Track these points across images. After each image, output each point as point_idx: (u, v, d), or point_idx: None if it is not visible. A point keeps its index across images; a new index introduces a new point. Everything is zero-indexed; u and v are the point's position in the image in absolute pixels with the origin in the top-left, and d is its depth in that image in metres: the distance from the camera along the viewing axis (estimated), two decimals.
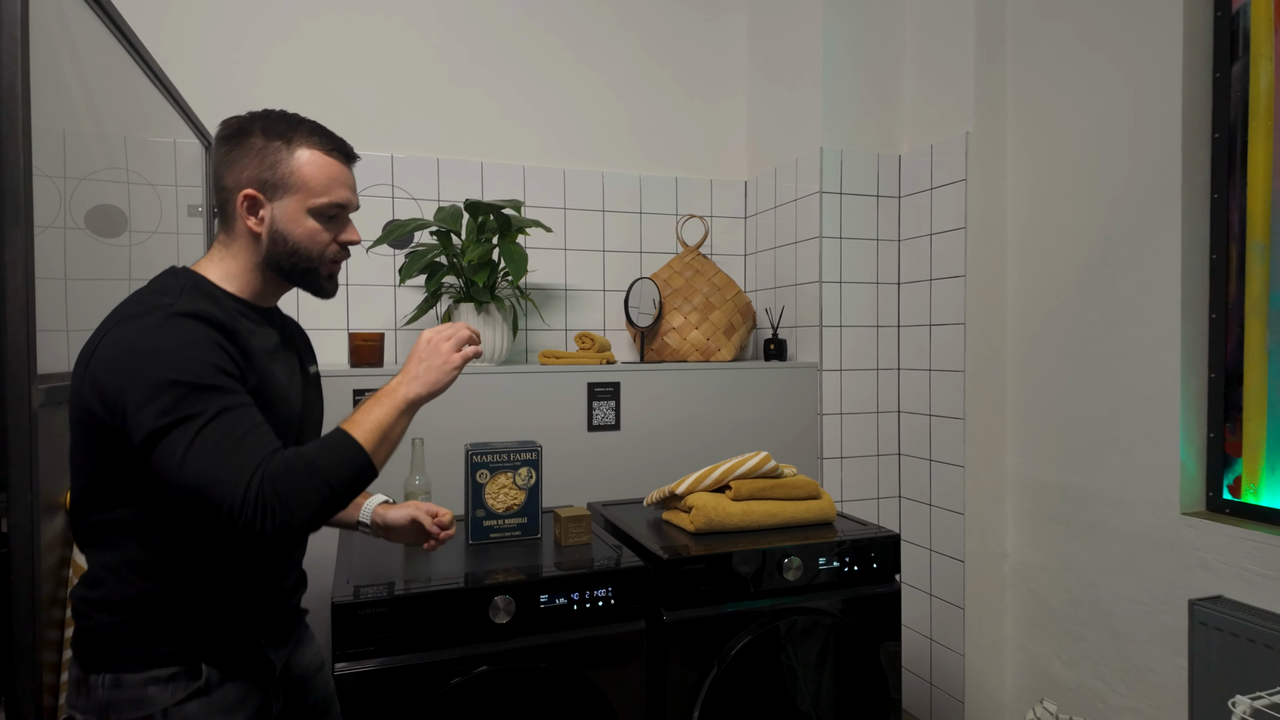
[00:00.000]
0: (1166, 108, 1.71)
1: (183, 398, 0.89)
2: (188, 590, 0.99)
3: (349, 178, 1.08)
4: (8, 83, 0.96)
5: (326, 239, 1.06)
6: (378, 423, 0.97)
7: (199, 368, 0.91)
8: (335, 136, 1.08)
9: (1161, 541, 1.72)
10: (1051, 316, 2.01)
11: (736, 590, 1.49)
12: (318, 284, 1.09)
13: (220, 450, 0.88)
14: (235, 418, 0.90)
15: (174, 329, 0.92)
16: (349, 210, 1.09)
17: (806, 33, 2.30)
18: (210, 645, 1.00)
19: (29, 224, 0.98)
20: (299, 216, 1.04)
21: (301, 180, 1.03)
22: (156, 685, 0.96)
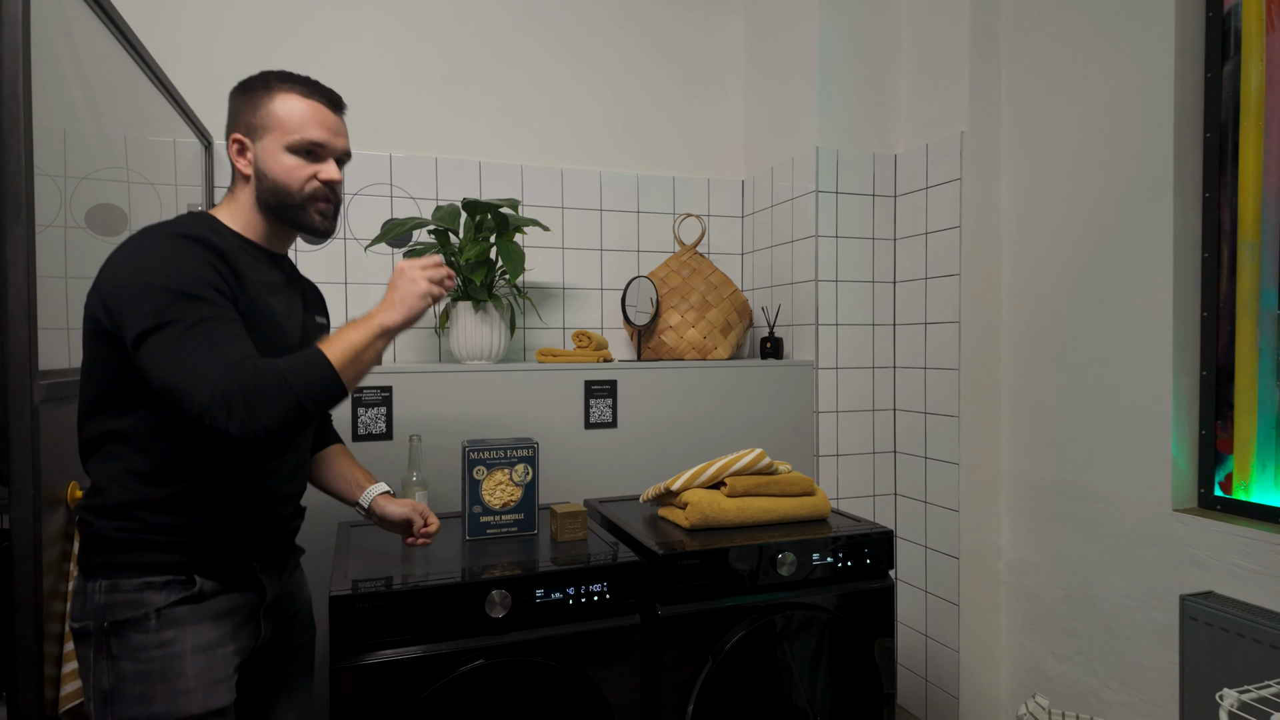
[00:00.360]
0: (1159, 107, 1.72)
1: (170, 303, 0.97)
2: (184, 500, 1.07)
3: (329, 120, 1.16)
4: (9, 82, 0.98)
5: (305, 175, 1.13)
6: (351, 344, 1.02)
7: (189, 279, 0.99)
8: (317, 84, 1.17)
9: (1153, 538, 1.73)
10: (1045, 315, 2.02)
11: (731, 585, 1.50)
12: (306, 221, 1.16)
13: (198, 352, 0.95)
14: (217, 326, 0.98)
15: (172, 245, 1.02)
16: (328, 150, 1.16)
17: (802, 33, 2.31)
18: (204, 557, 1.09)
19: (30, 222, 1.00)
20: (277, 154, 1.12)
21: (278, 120, 1.12)
22: (151, 589, 1.05)
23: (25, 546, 0.98)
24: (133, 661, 1.03)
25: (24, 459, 0.98)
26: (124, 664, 1.03)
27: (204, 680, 1.05)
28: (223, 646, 1.09)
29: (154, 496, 1.06)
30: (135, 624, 1.03)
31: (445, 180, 2.30)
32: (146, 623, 1.04)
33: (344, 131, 1.19)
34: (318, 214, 1.17)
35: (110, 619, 1.03)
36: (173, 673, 1.03)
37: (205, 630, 1.07)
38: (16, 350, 0.98)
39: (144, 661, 1.03)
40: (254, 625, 1.15)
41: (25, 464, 0.98)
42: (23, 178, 0.98)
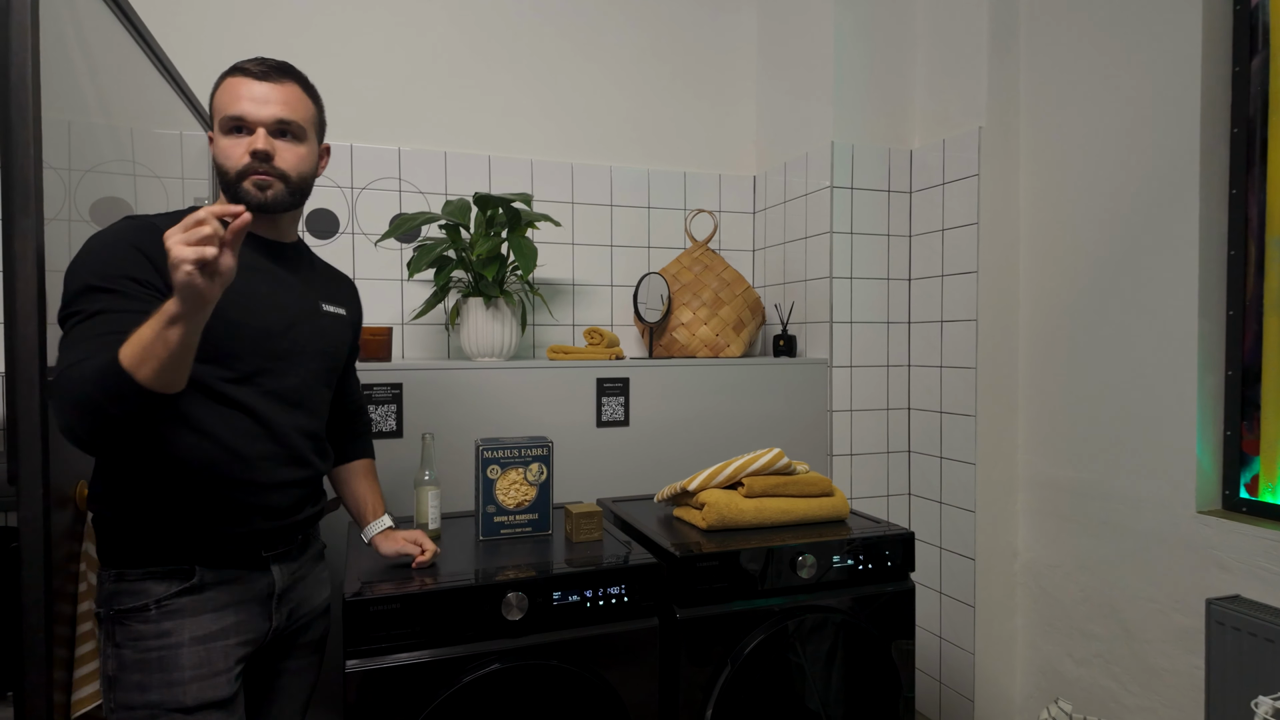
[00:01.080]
0: (1185, 102, 1.69)
1: (77, 295, 0.98)
2: (173, 489, 1.07)
3: (255, 90, 1.12)
4: (17, 71, 0.95)
5: (236, 152, 1.11)
6: (140, 339, 0.88)
7: (102, 269, 0.99)
8: (248, 61, 1.14)
9: (1176, 540, 1.70)
10: (1064, 313, 1.99)
11: (749, 588, 1.47)
12: (245, 198, 1.12)
13: (71, 346, 0.96)
14: (105, 320, 0.97)
15: (107, 235, 1.03)
16: (251, 120, 1.11)
17: (817, 27, 2.27)
18: (202, 548, 1.09)
19: (39, 214, 0.97)
20: (219, 140, 1.12)
21: (215, 107, 1.13)
22: (153, 579, 1.07)
23: (34, 548, 0.96)
24: (133, 650, 1.05)
25: (33, 458, 0.96)
26: (126, 652, 1.06)
27: (201, 672, 1.06)
28: (224, 639, 1.09)
29: (147, 486, 1.07)
30: (137, 613, 1.06)
31: (454, 174, 2.27)
32: (147, 612, 1.06)
33: (277, 99, 1.12)
34: (253, 186, 1.12)
35: (115, 607, 1.06)
36: (170, 663, 1.06)
37: (205, 622, 1.08)
38: (25, 346, 0.95)
39: (143, 651, 1.05)
40: (264, 616, 1.15)
41: (34, 463, 0.96)
42: (31, 169, 0.95)
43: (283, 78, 1.14)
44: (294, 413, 1.17)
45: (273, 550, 1.16)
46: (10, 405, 0.95)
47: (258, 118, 1.11)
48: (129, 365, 0.88)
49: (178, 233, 0.83)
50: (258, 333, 1.12)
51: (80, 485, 1.12)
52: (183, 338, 0.88)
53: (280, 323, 1.15)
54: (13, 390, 0.95)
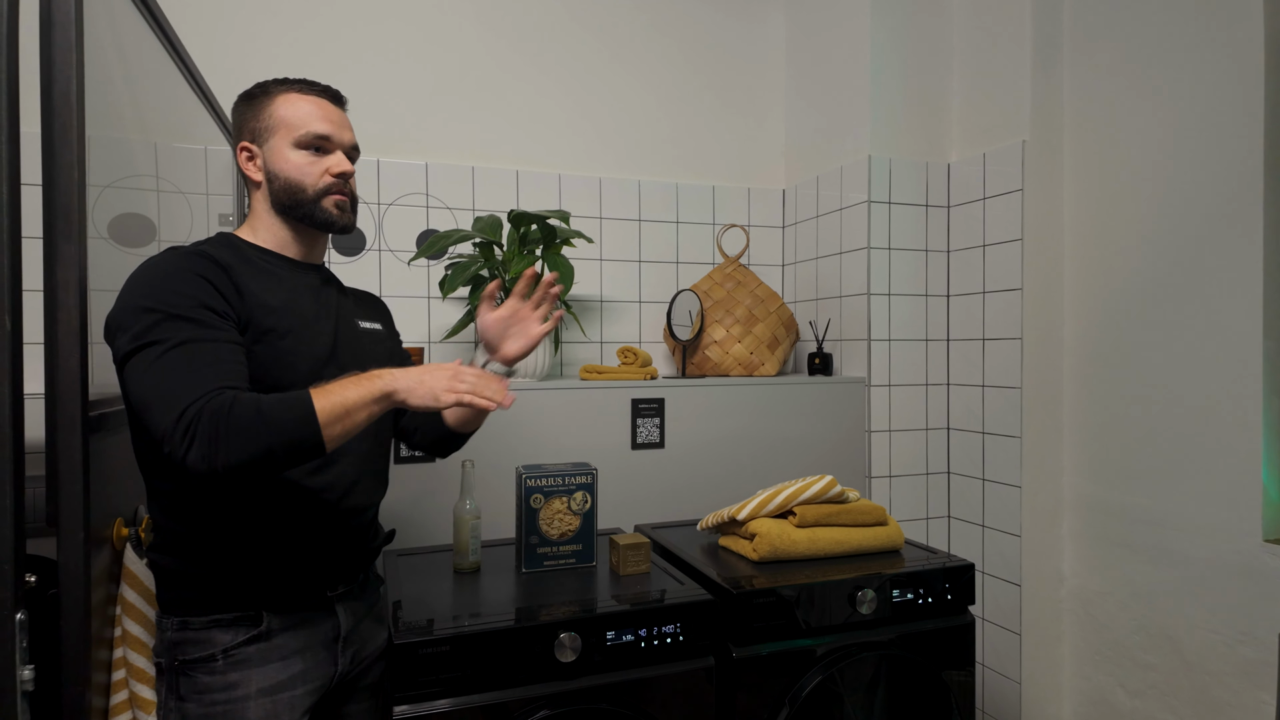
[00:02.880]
0: (1246, 112, 1.63)
1: (153, 325, 0.93)
2: (235, 530, 1.03)
3: (331, 113, 1.13)
4: (61, 88, 0.90)
5: (316, 170, 1.11)
6: (344, 401, 0.93)
7: (175, 298, 0.95)
8: (314, 81, 1.15)
9: (1241, 569, 1.64)
10: (1112, 332, 1.93)
11: (807, 624, 1.41)
12: (322, 217, 1.12)
13: (173, 374, 0.90)
14: (198, 349, 0.93)
15: (166, 263, 0.99)
16: (334, 143, 1.13)
17: (852, 40, 2.23)
18: (269, 591, 1.05)
19: (83, 239, 0.91)
20: (285, 151, 1.10)
21: (281, 119, 1.10)
22: (219, 628, 1.02)
23: (75, 595, 0.90)
24: (198, 704, 1.01)
25: (74, 499, 0.90)
26: (190, 705, 1.01)
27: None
28: (290, 689, 1.05)
29: (206, 527, 1.02)
30: (202, 664, 1.01)
31: (482, 189, 2.22)
32: (213, 663, 1.02)
33: (348, 125, 1.17)
34: (335, 207, 1.13)
35: (180, 657, 1.02)
36: (235, 717, 1.01)
37: (272, 672, 1.04)
38: (67, 380, 0.89)
39: (208, 705, 1.01)
40: (330, 660, 1.10)
41: (76, 504, 0.90)
42: (75, 191, 0.90)
43: (346, 105, 1.18)
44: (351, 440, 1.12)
45: (336, 590, 1.11)
46: (50, 443, 0.89)
47: (341, 141, 1.13)
48: (324, 421, 0.90)
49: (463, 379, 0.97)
50: (310, 360, 1.08)
51: (118, 524, 1.06)
52: (380, 413, 0.95)
53: (327, 347, 1.12)
54: (53, 427, 0.89)
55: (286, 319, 1.05)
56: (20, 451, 0.81)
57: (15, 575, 0.80)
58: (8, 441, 0.79)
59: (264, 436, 0.88)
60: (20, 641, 0.80)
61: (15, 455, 0.80)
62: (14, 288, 0.80)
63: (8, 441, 0.79)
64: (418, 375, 0.97)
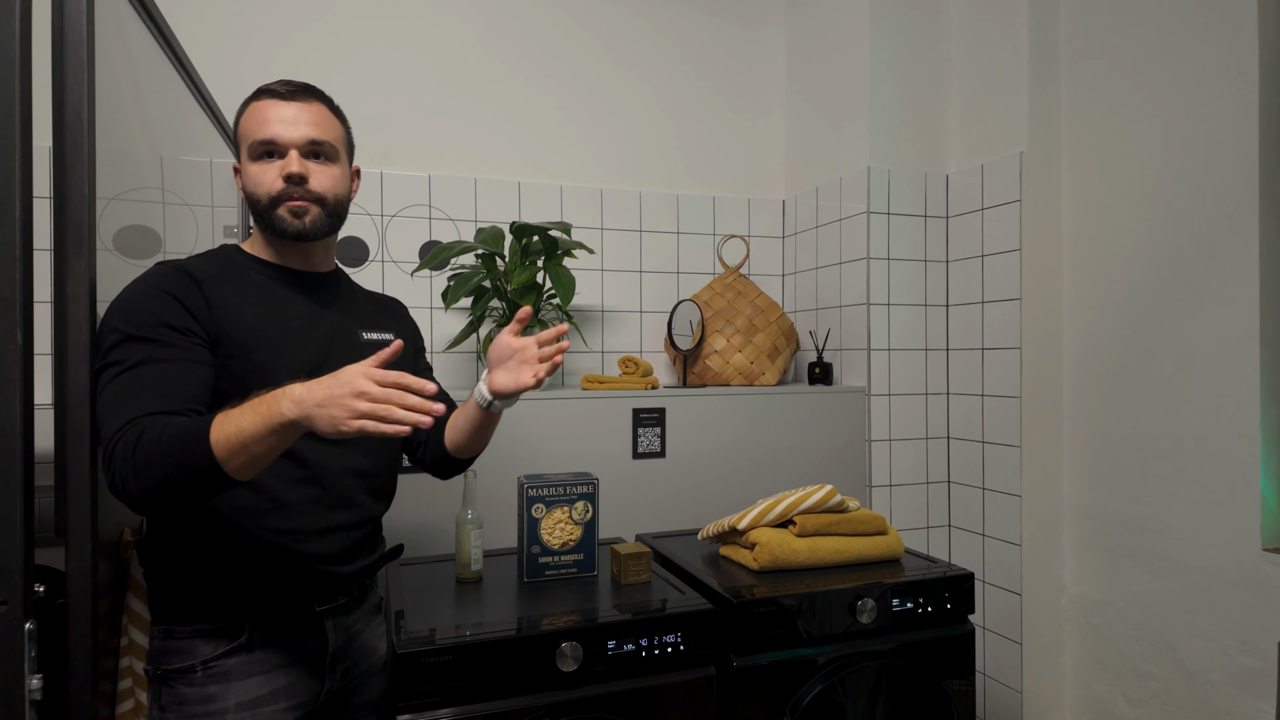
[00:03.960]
0: (1241, 124, 1.65)
1: (114, 345, 0.95)
2: (218, 541, 1.03)
3: (284, 113, 1.08)
4: (72, 105, 0.91)
5: (268, 178, 1.08)
6: (241, 432, 0.84)
7: (137, 317, 0.96)
8: (277, 81, 1.11)
9: (1241, 579, 1.65)
10: (1111, 341, 1.94)
11: (807, 633, 1.42)
12: (278, 225, 1.09)
13: (116, 398, 0.91)
14: (147, 371, 0.94)
15: (139, 281, 1.00)
16: (283, 143, 1.07)
17: (851, 52, 2.25)
18: (251, 605, 1.04)
19: (92, 254, 0.93)
20: (248, 167, 1.09)
21: (241, 133, 1.10)
22: (201, 638, 1.02)
23: (82, 605, 0.91)
24: (177, 715, 1.01)
25: (82, 509, 0.91)
26: (169, 716, 1.01)
27: None
28: (272, 704, 1.04)
29: (190, 539, 1.03)
30: (183, 674, 1.01)
31: (484, 201, 2.24)
32: (193, 674, 1.01)
33: (307, 120, 1.08)
34: (288, 213, 1.08)
35: (162, 666, 1.02)
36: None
37: (253, 686, 1.03)
38: (76, 393, 0.91)
39: (187, 717, 1.00)
40: (315, 677, 1.09)
41: (83, 515, 0.91)
42: (85, 208, 0.91)
43: (309, 98, 1.11)
44: (340, 451, 1.11)
45: (325, 604, 1.10)
46: (59, 454, 0.91)
47: (289, 140, 1.07)
48: (220, 454, 0.85)
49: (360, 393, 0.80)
50: (291, 371, 1.05)
51: (125, 533, 1.07)
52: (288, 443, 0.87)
53: (315, 357, 1.10)
54: (62, 438, 0.91)
55: (262, 332, 1.05)
56: (30, 470, 0.82)
57: (25, 586, 0.81)
58: (18, 459, 0.80)
59: (162, 466, 0.86)
60: (29, 651, 0.81)
61: (25, 473, 0.81)
62: (25, 305, 0.81)
63: (18, 459, 0.80)
64: (323, 393, 0.82)
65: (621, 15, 2.40)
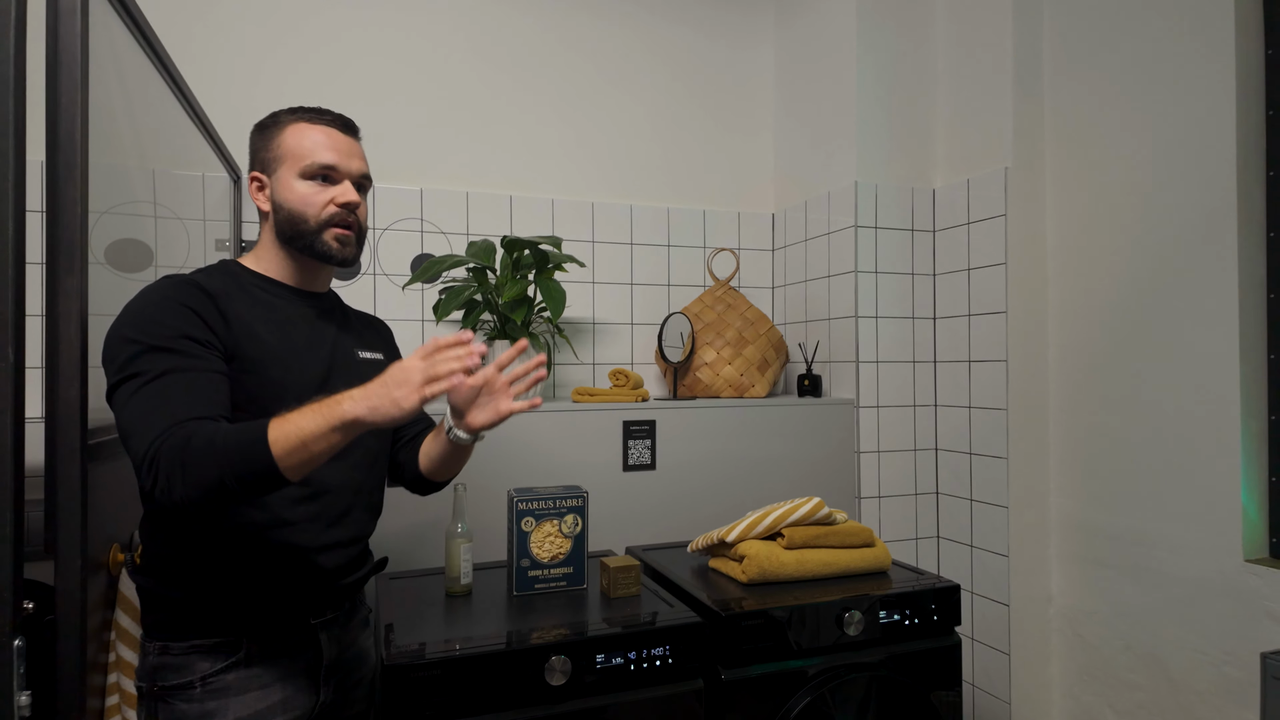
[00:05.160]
0: (1219, 146, 1.68)
1: (135, 356, 0.95)
2: (221, 555, 1.03)
3: (341, 143, 1.13)
4: (66, 125, 0.93)
5: (321, 200, 1.11)
6: (301, 432, 0.89)
7: (158, 329, 0.97)
8: (326, 111, 1.15)
9: (1224, 589, 1.67)
10: (1096, 355, 1.97)
11: (795, 646, 1.43)
12: (321, 249, 1.12)
13: (147, 407, 0.92)
14: (175, 380, 0.95)
15: (153, 293, 1.00)
16: (341, 173, 1.13)
17: (839, 68, 2.28)
18: (250, 618, 1.05)
19: (84, 272, 0.94)
20: (290, 183, 1.11)
21: (288, 149, 1.11)
22: (199, 654, 1.02)
23: (72, 622, 0.91)
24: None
25: (72, 526, 0.91)
26: None
27: None
28: (270, 718, 1.05)
29: (190, 552, 1.03)
30: (180, 690, 1.01)
31: (476, 214, 2.25)
32: (191, 690, 1.01)
33: (359, 154, 1.17)
34: (334, 240, 1.13)
35: (159, 683, 1.02)
36: None
37: (251, 701, 1.03)
38: (67, 411, 0.91)
39: None
40: (311, 690, 1.10)
41: (73, 532, 0.91)
42: (78, 226, 0.92)
43: (358, 135, 1.18)
44: (339, 467, 1.13)
45: (321, 617, 1.11)
46: (50, 471, 0.91)
47: (348, 170, 1.13)
48: (278, 453, 0.88)
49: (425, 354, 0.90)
50: (298, 388, 1.08)
51: (114, 549, 1.08)
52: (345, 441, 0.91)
53: (318, 375, 1.12)
54: (53, 455, 0.91)
55: (275, 348, 1.06)
56: (21, 489, 0.82)
57: (14, 602, 0.81)
58: (8, 478, 0.81)
59: (216, 467, 0.88)
60: (18, 668, 0.81)
61: (16, 492, 0.82)
62: (17, 323, 0.82)
63: (8, 478, 0.81)
64: (371, 393, 0.90)
65: (613, 33, 2.42)
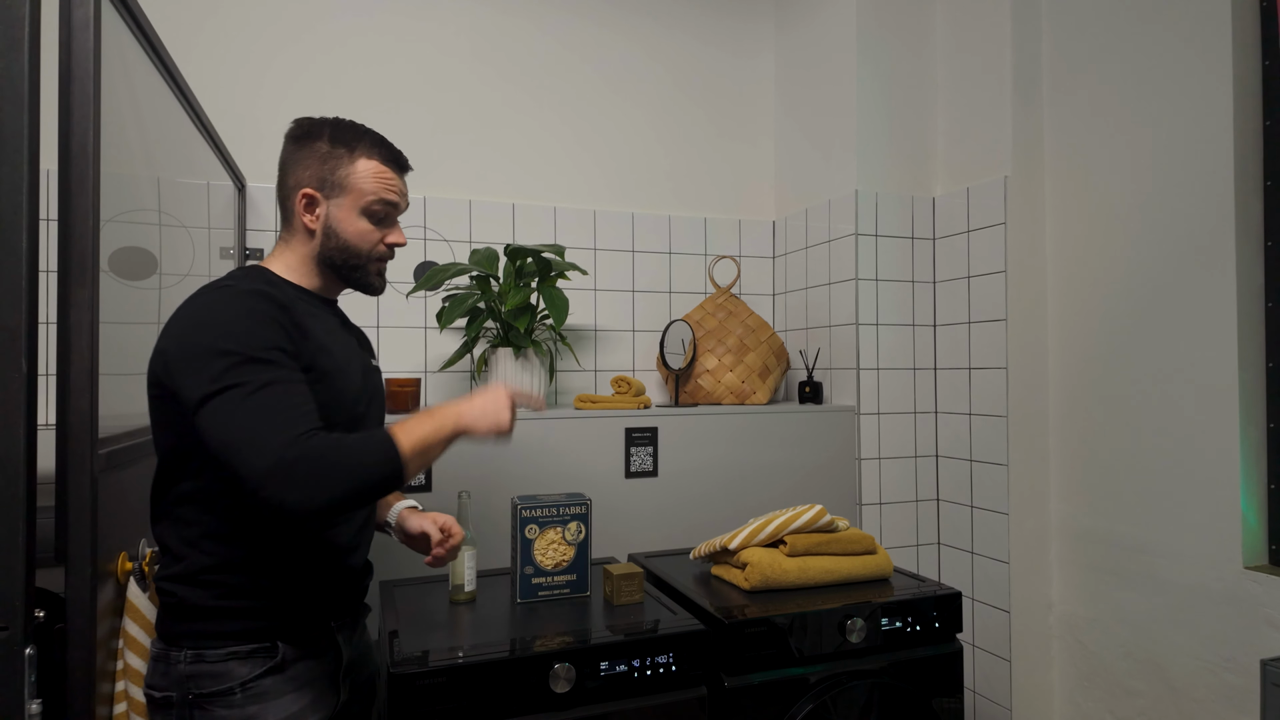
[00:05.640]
0: (1217, 156, 1.70)
1: (233, 366, 0.94)
2: (260, 560, 1.04)
3: (401, 185, 1.18)
4: (79, 138, 0.94)
5: (375, 238, 1.15)
6: (423, 438, 0.99)
7: (253, 340, 0.96)
8: (394, 149, 1.18)
9: (1223, 596, 1.67)
10: (1095, 363, 1.98)
11: (798, 653, 1.43)
12: (367, 280, 1.17)
13: (262, 418, 0.92)
14: (283, 391, 0.95)
15: (235, 304, 0.99)
16: (398, 212, 1.18)
17: (839, 78, 2.30)
18: (284, 622, 1.06)
19: (95, 284, 0.95)
20: (351, 216, 1.12)
21: (357, 183, 1.12)
22: (236, 660, 1.02)
23: (81, 630, 0.92)
24: None
25: (82, 535, 0.92)
26: None
27: None
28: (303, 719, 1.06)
29: (232, 558, 1.03)
30: (220, 697, 1.01)
31: (479, 222, 2.27)
32: (231, 696, 1.02)
33: (407, 192, 1.21)
34: (377, 275, 1.19)
35: (195, 691, 1.01)
36: None
37: (287, 703, 1.05)
38: (78, 420, 0.92)
39: None
40: (334, 690, 1.12)
41: (84, 540, 0.92)
42: (90, 238, 0.94)
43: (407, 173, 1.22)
44: None
45: (339, 619, 1.14)
46: (60, 480, 0.92)
47: (400, 209, 1.18)
48: (406, 458, 0.96)
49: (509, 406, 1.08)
50: (351, 399, 1.11)
51: (121, 557, 1.08)
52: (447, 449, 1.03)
53: (360, 386, 1.15)
54: (64, 464, 0.92)
55: (337, 359, 1.09)
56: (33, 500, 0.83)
57: (25, 611, 0.82)
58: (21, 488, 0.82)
59: (353, 475, 0.92)
60: (29, 676, 0.82)
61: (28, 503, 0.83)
62: (30, 334, 0.83)
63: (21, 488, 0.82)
64: (482, 409, 1.06)
65: (615, 41, 2.44)
